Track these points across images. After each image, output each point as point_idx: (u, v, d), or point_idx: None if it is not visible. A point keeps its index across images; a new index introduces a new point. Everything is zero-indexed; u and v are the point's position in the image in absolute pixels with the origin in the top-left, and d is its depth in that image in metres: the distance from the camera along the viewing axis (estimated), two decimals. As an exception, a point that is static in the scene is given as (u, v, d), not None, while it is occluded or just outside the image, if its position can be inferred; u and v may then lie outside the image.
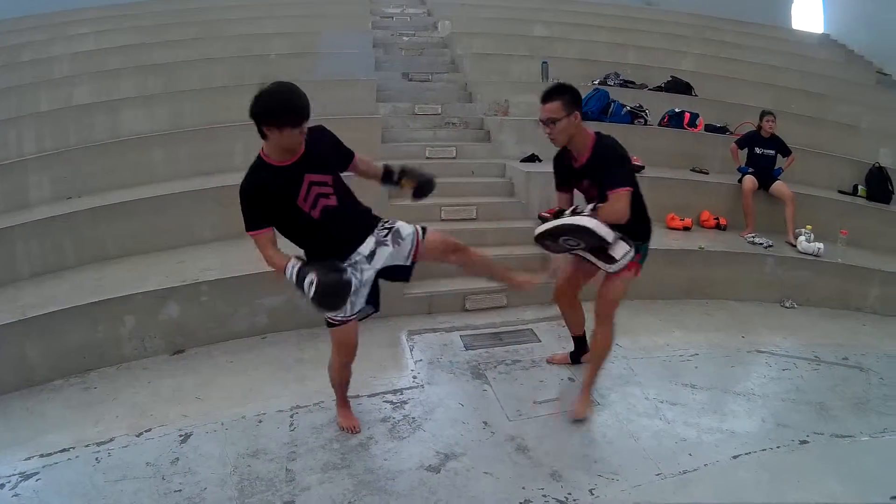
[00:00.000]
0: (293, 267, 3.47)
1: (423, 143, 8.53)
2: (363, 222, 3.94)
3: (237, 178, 3.65)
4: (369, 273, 3.85)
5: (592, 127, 7.57)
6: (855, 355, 6.15)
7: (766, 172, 8.11)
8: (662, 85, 10.69)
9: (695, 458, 4.14)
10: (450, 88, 10.35)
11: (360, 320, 3.95)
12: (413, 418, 4.28)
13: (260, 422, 4.18)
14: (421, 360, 5.14)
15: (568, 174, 4.40)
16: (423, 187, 4.27)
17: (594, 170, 4.17)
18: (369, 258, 3.84)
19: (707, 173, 8.75)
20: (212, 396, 4.51)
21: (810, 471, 4.22)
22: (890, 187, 9.15)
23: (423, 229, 4.05)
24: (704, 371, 5.41)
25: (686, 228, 7.77)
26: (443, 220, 7.19)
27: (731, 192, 8.24)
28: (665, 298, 6.81)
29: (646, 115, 9.33)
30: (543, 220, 6.11)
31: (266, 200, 3.57)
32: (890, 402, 5.38)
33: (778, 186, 7.96)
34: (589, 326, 4.78)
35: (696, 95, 10.58)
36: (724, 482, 3.99)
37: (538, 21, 13.69)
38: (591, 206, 4.08)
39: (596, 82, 10.40)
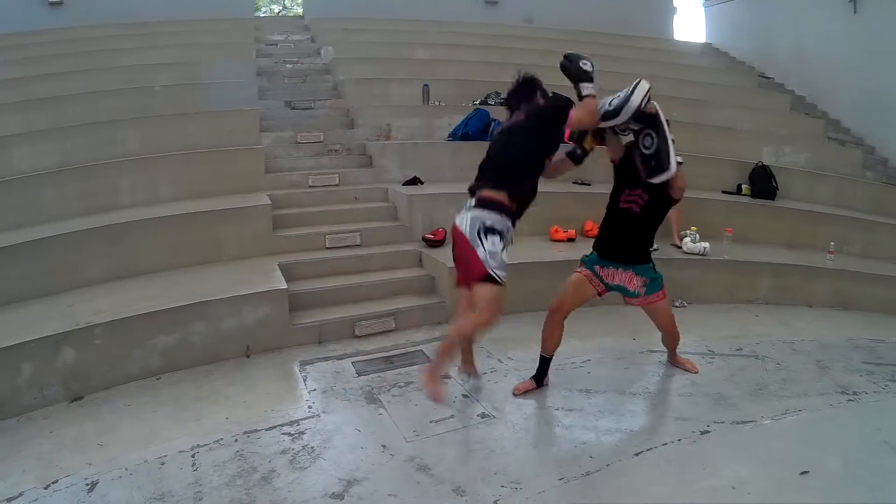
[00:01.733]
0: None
1: (305, 172, 8.59)
2: None
3: (127, 215, 3.74)
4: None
5: (473, 147, 7.96)
6: (749, 345, 6.47)
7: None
8: (544, 101, 10.93)
9: (596, 460, 4.25)
10: (332, 115, 10.43)
11: None
12: (312, 448, 4.28)
13: (163, 464, 4.12)
14: (315, 389, 5.15)
15: None
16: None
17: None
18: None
19: (590, 184, 9.08)
20: (114, 442, 4.42)
21: (715, 458, 4.39)
22: (774, 184, 9.77)
23: None
24: (598, 375, 5.60)
25: (570, 240, 8.09)
26: (327, 247, 7.26)
27: None
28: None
29: (527, 131, 9.55)
30: (428, 242, 6.56)
31: None
32: (788, 385, 5.63)
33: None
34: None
35: None
36: (629, 479, 4.11)
37: (420, 44, 13.85)
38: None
39: (476, 102, 10.64)
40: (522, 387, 5.15)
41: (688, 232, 8.08)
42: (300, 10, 19.70)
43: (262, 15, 25.83)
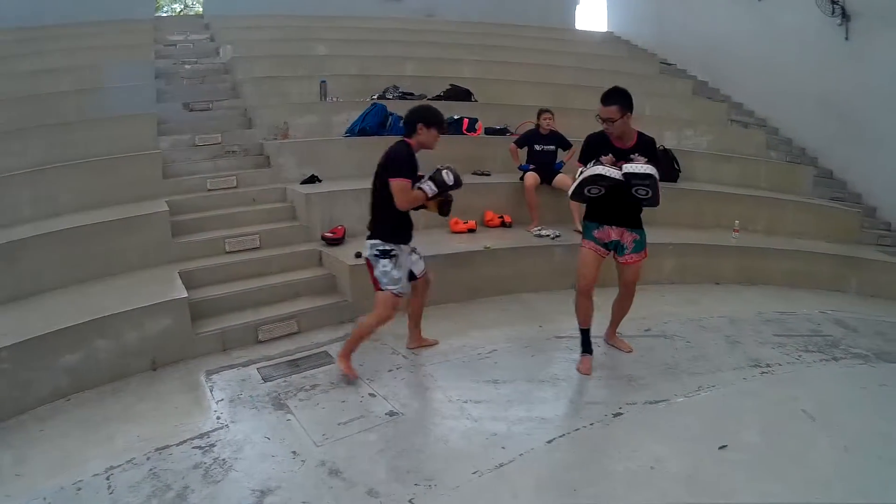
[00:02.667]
0: (427, 184, 5.21)
1: (204, 175, 8.46)
2: None
3: (28, 230, 3.58)
4: (408, 263, 5.36)
5: (371, 141, 7.89)
6: (657, 325, 6.68)
7: (547, 167, 8.60)
8: (442, 94, 11.10)
9: (509, 451, 4.26)
10: (230, 115, 10.29)
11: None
12: (224, 460, 4.22)
13: (79, 489, 4.01)
14: (222, 399, 5.07)
15: (606, 152, 5.24)
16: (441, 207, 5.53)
17: (640, 151, 5.25)
18: (410, 253, 5.43)
19: (489, 174, 9.21)
20: (30, 471, 4.27)
21: (629, 439, 4.45)
22: (676, 166, 9.96)
23: None
24: (505, 365, 5.63)
25: (470, 230, 8.18)
26: (227, 252, 7.18)
27: (514, 190, 8.78)
28: (456, 301, 7.10)
29: (424, 124, 9.54)
30: (327, 240, 7.17)
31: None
32: (700, 361, 5.81)
33: (560, 179, 8.41)
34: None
35: (476, 101, 11.07)
36: (543, 467, 4.14)
37: (319, 39, 13.77)
38: (591, 163, 5.21)
39: (375, 97, 10.65)
40: (583, 366, 5.57)
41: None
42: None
43: (164, 15, 25.19)
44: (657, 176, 5.09)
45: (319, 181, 8.47)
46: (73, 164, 7.78)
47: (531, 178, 8.48)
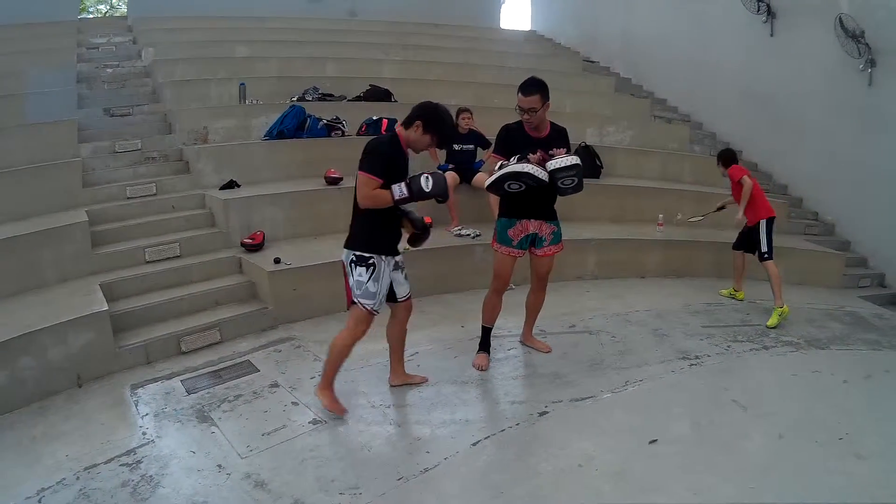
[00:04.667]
0: (399, 186, 4.59)
1: (123, 183, 8.34)
2: None
3: None
4: (388, 279, 4.86)
5: (290, 144, 7.87)
6: (582, 321, 6.78)
7: (466, 167, 8.68)
8: (361, 94, 11.10)
9: (433, 455, 4.30)
10: (150, 120, 10.16)
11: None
12: (151, 476, 4.18)
13: None
14: (147, 413, 5.03)
15: (523, 143, 5.32)
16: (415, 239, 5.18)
17: (555, 142, 5.37)
18: (395, 267, 4.91)
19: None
20: None
21: (556, 438, 4.51)
22: (598, 163, 10.11)
23: None
24: (428, 367, 5.65)
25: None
26: (147, 261, 7.10)
27: None
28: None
29: (343, 126, 9.71)
30: (246, 247, 7.29)
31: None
32: (626, 356, 5.94)
33: (480, 178, 8.40)
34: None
35: (396, 101, 11.06)
36: (469, 470, 4.18)
37: (241, 41, 13.67)
38: (515, 158, 5.19)
39: (294, 99, 10.62)
40: (480, 361, 5.73)
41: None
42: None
43: (89, 16, 24.63)
44: (580, 163, 5.23)
45: (238, 186, 8.45)
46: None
47: (450, 177, 8.44)
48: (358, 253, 4.72)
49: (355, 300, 4.77)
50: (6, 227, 6.92)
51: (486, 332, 5.80)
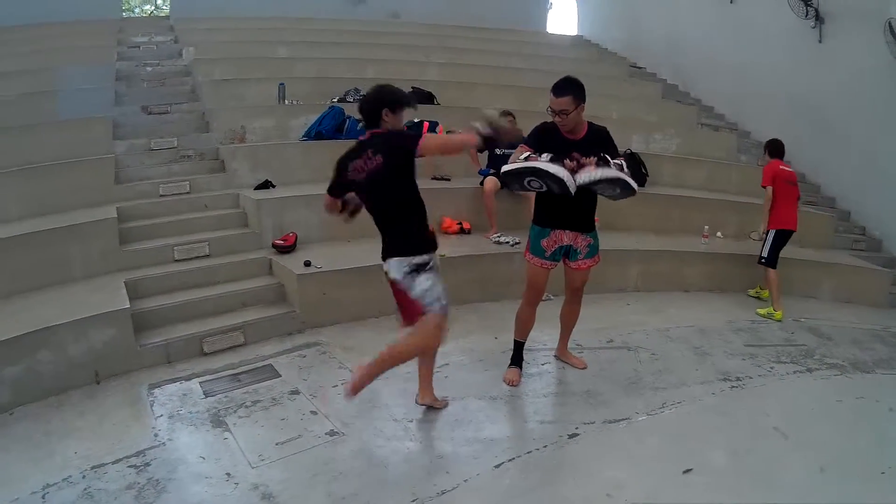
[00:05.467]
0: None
1: (157, 181, 8.25)
2: None
3: None
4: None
5: (327, 145, 7.69)
6: (620, 336, 6.48)
7: None
8: (405, 98, 10.77)
9: (453, 476, 4.06)
10: (187, 119, 10.08)
11: None
12: (157, 480, 4.06)
13: None
14: (162, 415, 4.91)
15: (557, 144, 4.93)
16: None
17: (592, 144, 4.95)
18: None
19: (449, 179, 9.04)
20: None
21: (586, 463, 4.25)
22: (644, 171, 9.85)
23: None
24: (456, 380, 5.40)
25: None
26: (176, 260, 6.99)
27: (474, 196, 8.59)
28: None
29: (382, 127, 9.38)
30: (278, 248, 7.11)
31: None
32: (665, 375, 5.62)
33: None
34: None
35: (438, 104, 10.92)
36: (488, 495, 3.92)
37: (281, 42, 13.61)
38: (547, 155, 4.78)
39: (335, 100, 10.48)
40: (511, 376, 5.46)
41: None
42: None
43: (133, 15, 24.89)
44: (616, 175, 4.79)
45: (273, 186, 8.34)
46: (21, 170, 7.60)
47: (490, 182, 8.26)
48: (415, 261, 4.32)
49: (429, 307, 4.31)
50: (35, 221, 6.92)
51: (519, 347, 5.52)
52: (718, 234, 9.37)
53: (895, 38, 9.90)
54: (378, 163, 4.24)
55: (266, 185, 8.34)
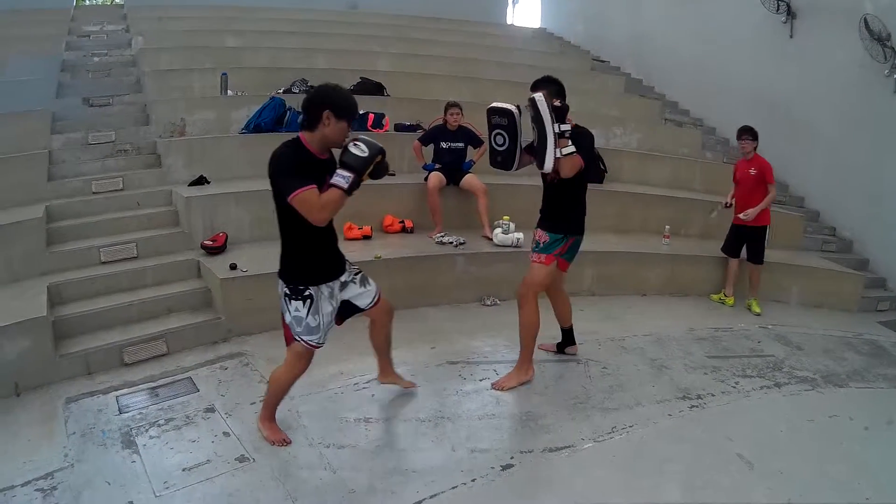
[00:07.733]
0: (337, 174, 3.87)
1: (90, 177, 7.96)
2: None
3: None
4: (337, 302, 4.37)
5: (266, 139, 7.39)
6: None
7: (454, 167, 8.20)
8: (352, 87, 10.62)
9: None
10: (128, 111, 9.80)
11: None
12: None
13: None
14: (75, 432, 4.68)
15: None
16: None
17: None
18: (342, 287, 4.38)
19: (394, 174, 8.57)
20: None
21: (517, 502, 3.92)
22: (602, 166, 9.53)
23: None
24: (382, 398, 5.08)
25: (366, 237, 7.75)
26: (102, 262, 6.71)
27: (419, 192, 8.34)
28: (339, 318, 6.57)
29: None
30: (207, 249, 6.89)
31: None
32: (616, 393, 5.23)
33: (469, 179, 7.98)
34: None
35: (387, 95, 10.77)
36: None
37: (231, 31, 13.36)
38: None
39: (281, 91, 10.24)
40: (546, 346, 5.86)
41: (500, 222, 7.89)
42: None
43: (91, 4, 24.34)
44: (515, 112, 5.43)
45: (208, 182, 8.06)
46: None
47: (434, 178, 8.05)
48: (291, 286, 4.18)
49: (296, 338, 4.26)
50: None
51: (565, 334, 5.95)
52: (713, 212, 9.19)
53: (870, 35, 9.69)
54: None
55: (201, 181, 8.03)
